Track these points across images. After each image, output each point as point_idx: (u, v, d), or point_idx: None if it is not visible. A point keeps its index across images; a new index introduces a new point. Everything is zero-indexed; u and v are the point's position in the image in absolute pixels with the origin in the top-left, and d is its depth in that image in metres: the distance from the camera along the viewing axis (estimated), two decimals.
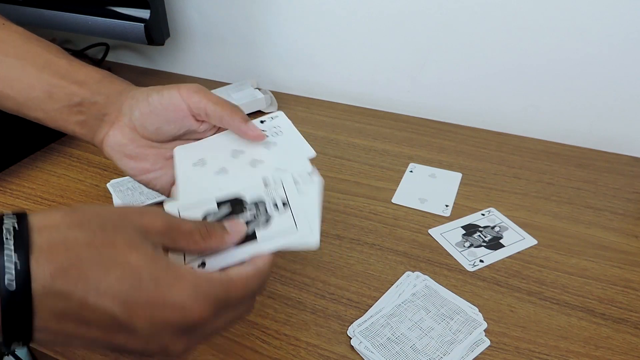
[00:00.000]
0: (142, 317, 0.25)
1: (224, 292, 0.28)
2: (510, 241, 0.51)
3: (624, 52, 0.63)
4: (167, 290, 0.25)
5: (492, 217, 0.54)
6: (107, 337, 0.25)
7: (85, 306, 0.24)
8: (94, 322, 0.24)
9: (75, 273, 0.23)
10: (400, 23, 0.73)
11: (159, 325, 0.25)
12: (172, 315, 0.25)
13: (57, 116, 0.41)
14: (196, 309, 0.26)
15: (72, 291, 0.23)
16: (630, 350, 0.40)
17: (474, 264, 0.48)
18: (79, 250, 0.24)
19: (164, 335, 0.25)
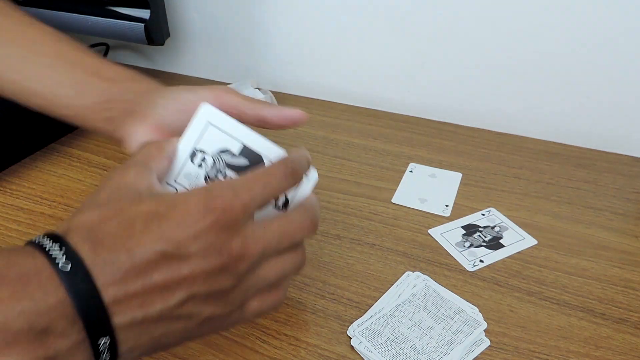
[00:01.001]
0: (185, 238, 0.25)
1: (240, 182, 0.27)
2: (510, 241, 0.51)
3: (624, 52, 0.63)
4: (185, 206, 0.25)
5: (492, 217, 0.54)
6: (174, 283, 0.24)
7: (136, 260, 0.24)
8: (155, 273, 0.24)
9: (110, 242, 0.24)
10: (400, 23, 0.73)
11: (202, 235, 0.25)
12: (204, 219, 0.25)
13: (85, 113, 0.41)
14: (218, 202, 0.25)
15: (118, 255, 0.23)
16: (630, 350, 0.40)
17: (474, 264, 0.48)
18: (99, 227, 0.25)
19: (214, 241, 0.25)
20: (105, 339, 0.23)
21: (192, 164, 0.33)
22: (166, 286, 0.24)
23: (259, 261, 0.28)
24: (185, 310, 0.25)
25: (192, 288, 0.25)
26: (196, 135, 0.33)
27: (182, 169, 0.33)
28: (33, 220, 0.54)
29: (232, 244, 0.26)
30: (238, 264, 0.26)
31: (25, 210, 0.56)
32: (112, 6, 0.77)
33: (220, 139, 0.33)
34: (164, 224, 0.25)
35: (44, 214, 0.55)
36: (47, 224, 0.54)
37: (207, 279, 0.25)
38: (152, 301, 0.24)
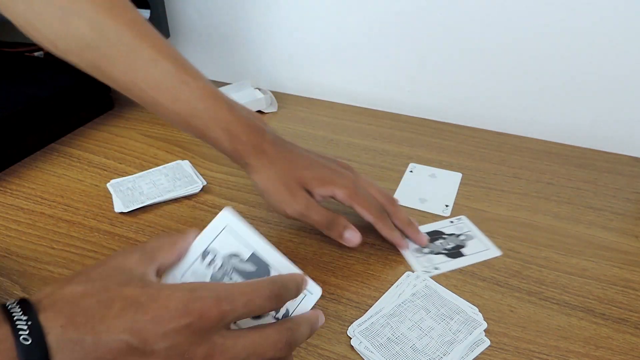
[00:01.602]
0: (153, 334, 0.25)
1: (225, 291, 0.28)
2: (472, 251, 0.50)
3: (624, 52, 0.63)
4: (166, 301, 0.26)
5: (461, 225, 0.53)
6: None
7: (100, 346, 0.24)
8: (114, 357, 0.25)
9: (82, 320, 0.25)
10: (400, 23, 0.73)
11: (171, 335, 0.26)
12: (178, 320, 0.26)
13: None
14: (197, 306, 0.26)
15: (84, 337, 0.24)
16: (630, 350, 0.40)
17: (427, 269, 0.48)
18: (79, 301, 0.26)
19: (181, 343, 0.26)
20: None
21: (202, 263, 0.34)
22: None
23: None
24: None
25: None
26: (212, 236, 0.35)
27: (191, 266, 0.34)
28: (33, 220, 0.54)
29: (197, 350, 0.26)
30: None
31: (25, 210, 0.56)
32: None
33: (233, 244, 0.35)
34: (139, 314, 0.26)
35: (44, 214, 0.55)
36: (47, 224, 0.54)
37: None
38: None
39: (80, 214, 0.55)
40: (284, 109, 0.78)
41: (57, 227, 0.53)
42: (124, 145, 0.69)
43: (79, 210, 0.56)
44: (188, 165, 0.63)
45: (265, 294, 0.29)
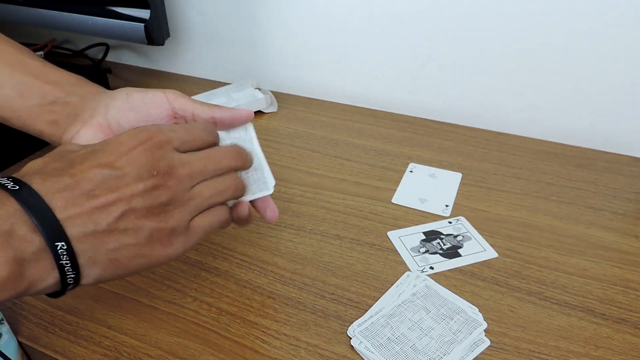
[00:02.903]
0: (118, 162, 0.30)
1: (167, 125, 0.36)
2: (469, 252, 0.50)
3: (624, 52, 0.63)
4: (118, 139, 0.31)
5: (459, 225, 0.53)
6: (115, 199, 0.29)
7: (80, 183, 0.28)
8: (96, 191, 0.28)
9: (56, 172, 0.29)
10: (400, 23, 0.73)
11: (133, 156, 0.30)
12: (133, 146, 0.31)
13: (26, 115, 0.41)
14: (144, 133, 0.31)
15: (63, 179, 0.28)
16: (630, 350, 0.40)
17: (422, 269, 0.48)
18: (48, 165, 0.30)
19: (144, 162, 0.30)
20: (62, 244, 0.27)
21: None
22: (108, 202, 0.28)
23: (190, 182, 0.32)
24: (129, 223, 0.29)
25: (131, 203, 0.29)
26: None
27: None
28: None
29: (159, 163, 0.30)
30: (167, 181, 0.31)
31: None
32: (112, 6, 0.77)
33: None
34: (100, 154, 0.30)
35: None
36: None
37: (143, 194, 0.29)
38: (98, 216, 0.28)
39: None
40: (284, 109, 0.78)
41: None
42: None
43: None
44: None
45: (200, 127, 0.35)
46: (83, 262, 0.28)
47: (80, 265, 0.28)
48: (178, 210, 0.31)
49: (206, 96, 0.77)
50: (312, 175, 0.62)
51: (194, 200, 0.32)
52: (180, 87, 0.86)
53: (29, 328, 0.43)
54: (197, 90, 0.81)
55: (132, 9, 0.75)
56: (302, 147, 0.67)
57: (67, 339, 0.42)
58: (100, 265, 0.29)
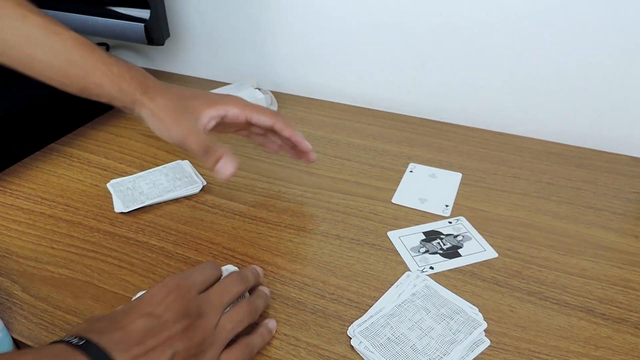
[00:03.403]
0: (158, 309, 0.34)
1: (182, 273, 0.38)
2: (469, 252, 0.50)
3: (624, 52, 0.63)
4: (149, 292, 0.36)
5: (459, 225, 0.53)
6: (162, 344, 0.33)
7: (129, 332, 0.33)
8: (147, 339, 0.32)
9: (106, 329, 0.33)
10: (400, 23, 0.73)
11: (169, 305, 0.35)
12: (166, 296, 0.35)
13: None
14: (171, 283, 0.36)
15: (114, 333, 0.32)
16: (630, 350, 0.40)
17: (422, 269, 0.48)
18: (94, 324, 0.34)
19: (179, 308, 0.35)
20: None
21: None
22: (157, 345, 0.32)
23: (215, 318, 0.36)
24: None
25: (175, 345, 0.33)
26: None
27: None
28: (33, 220, 0.54)
29: (190, 306, 0.35)
30: (199, 320, 0.35)
31: (25, 210, 0.56)
32: (112, 6, 0.77)
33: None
34: (139, 307, 0.35)
35: (44, 214, 0.55)
36: (47, 224, 0.54)
37: (183, 336, 0.34)
38: (152, 357, 0.32)
39: (80, 214, 0.55)
40: (284, 109, 0.78)
41: (57, 227, 0.53)
42: (124, 145, 0.69)
43: (79, 210, 0.56)
44: (188, 165, 0.63)
45: (207, 265, 0.40)
46: None
47: None
48: (210, 350, 0.35)
49: None
50: (312, 175, 0.62)
51: (220, 335, 0.36)
52: None
53: (29, 328, 0.43)
54: None
55: (132, 9, 0.75)
56: None
57: None
58: None
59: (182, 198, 0.58)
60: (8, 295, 0.46)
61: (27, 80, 0.69)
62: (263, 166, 0.63)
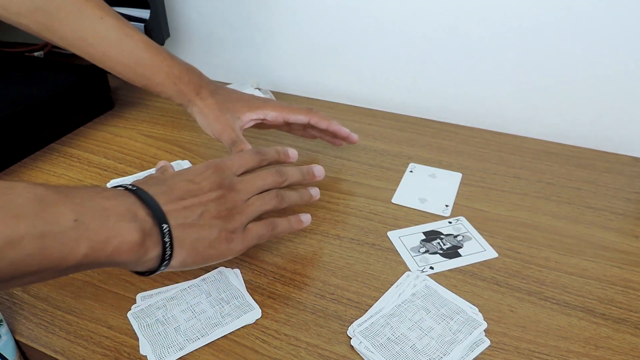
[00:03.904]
0: (197, 176, 0.41)
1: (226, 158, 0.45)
2: (469, 252, 0.50)
3: (624, 52, 0.63)
4: (193, 167, 0.43)
5: (459, 225, 0.53)
6: (197, 203, 0.39)
7: (172, 188, 0.39)
8: (185, 197, 0.39)
9: (155, 183, 0.39)
10: (400, 23, 0.73)
11: (207, 175, 0.41)
12: (206, 168, 0.42)
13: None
14: (211, 163, 0.43)
15: (162, 188, 0.39)
16: (630, 350, 0.40)
17: (422, 269, 0.48)
18: (151, 181, 0.40)
19: (215, 179, 0.41)
20: (166, 226, 0.36)
21: None
22: (193, 204, 0.39)
23: (245, 195, 0.42)
24: (205, 220, 0.39)
25: (207, 206, 0.39)
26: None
27: None
28: None
29: (224, 181, 0.41)
30: (230, 192, 0.41)
31: None
32: (112, 6, 0.77)
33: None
34: (184, 175, 0.41)
35: None
36: None
37: (214, 200, 0.40)
38: (186, 213, 0.38)
39: None
40: None
41: None
42: (124, 145, 0.69)
43: None
44: (188, 166, 0.63)
45: (250, 152, 0.46)
46: (176, 243, 0.37)
47: (174, 245, 0.36)
48: (238, 216, 0.41)
49: None
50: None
51: (248, 208, 0.42)
52: None
53: (29, 328, 0.43)
54: None
55: (132, 9, 0.75)
56: (303, 147, 0.67)
57: (67, 339, 0.42)
58: (185, 249, 0.37)
59: None
60: (8, 295, 0.46)
61: (27, 80, 0.69)
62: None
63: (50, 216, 0.31)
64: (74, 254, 0.31)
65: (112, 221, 0.33)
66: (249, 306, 0.44)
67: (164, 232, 0.36)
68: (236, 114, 0.57)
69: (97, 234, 0.32)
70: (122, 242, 0.34)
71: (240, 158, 0.45)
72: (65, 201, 0.32)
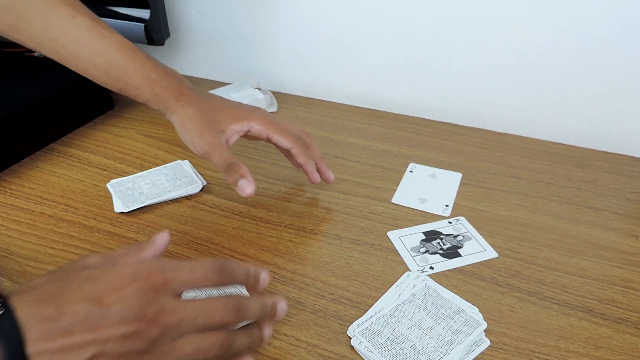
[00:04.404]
0: (108, 299, 0.29)
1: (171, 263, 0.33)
2: (469, 252, 0.50)
3: (624, 51, 0.63)
4: (118, 273, 0.31)
5: (459, 225, 0.53)
6: (90, 341, 0.28)
7: (62, 315, 0.28)
8: (75, 330, 0.28)
9: (46, 297, 0.29)
10: (400, 23, 0.73)
11: (124, 297, 0.29)
12: (128, 284, 0.30)
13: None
14: (145, 272, 0.31)
15: (48, 309, 0.28)
16: (630, 350, 0.40)
17: (422, 269, 0.48)
18: (43, 285, 0.30)
19: (133, 305, 0.29)
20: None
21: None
22: (82, 342, 0.28)
23: (176, 333, 0.30)
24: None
25: (105, 346, 0.28)
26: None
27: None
28: (33, 220, 0.54)
29: (148, 309, 0.29)
30: (150, 329, 0.29)
31: (25, 210, 0.56)
32: (112, 6, 0.77)
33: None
34: (95, 285, 0.29)
35: (44, 214, 0.55)
36: (47, 224, 0.54)
37: (120, 339, 0.28)
38: (67, 355, 0.27)
39: (80, 214, 0.55)
40: (284, 109, 0.78)
41: (57, 227, 0.53)
42: (124, 145, 0.69)
43: (79, 210, 0.56)
44: (188, 165, 0.63)
45: (209, 266, 0.33)
46: None
47: None
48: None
49: None
50: None
51: (172, 353, 0.30)
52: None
53: None
54: None
55: (132, 9, 0.75)
56: None
57: None
58: None
59: (182, 198, 0.58)
60: None
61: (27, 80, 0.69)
62: (263, 166, 0.63)
63: None
64: None
65: None
66: None
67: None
68: (220, 127, 0.51)
69: None
70: None
71: (191, 272, 0.32)
72: None
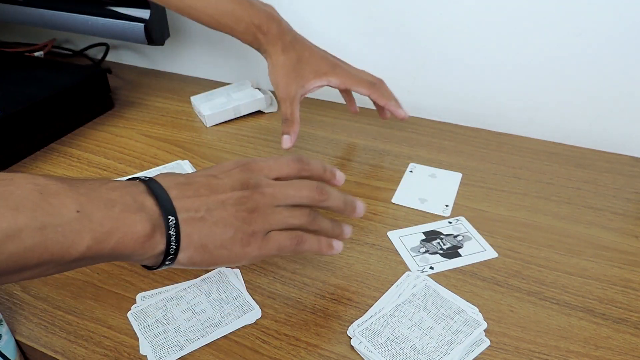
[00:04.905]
0: (221, 171, 0.38)
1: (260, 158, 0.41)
2: (469, 252, 0.50)
3: (624, 51, 0.63)
4: (222, 163, 0.40)
5: (459, 225, 0.53)
6: (213, 198, 0.36)
7: (191, 180, 0.37)
8: (201, 189, 0.36)
9: (177, 175, 0.37)
10: (400, 23, 0.73)
11: (231, 172, 0.38)
12: (233, 167, 0.39)
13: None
14: (242, 161, 0.40)
15: (179, 179, 0.37)
16: (630, 350, 0.40)
17: (422, 269, 0.48)
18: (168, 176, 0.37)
19: (239, 178, 0.38)
20: (172, 218, 0.34)
21: None
22: (209, 200, 0.36)
23: (272, 200, 0.38)
24: (220, 217, 0.35)
25: (226, 203, 0.36)
26: None
27: None
28: None
29: (250, 181, 0.38)
30: (254, 194, 0.37)
31: None
32: (112, 6, 0.77)
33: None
34: (209, 170, 0.39)
35: None
36: None
37: (236, 200, 0.36)
38: (198, 206, 0.35)
39: None
40: None
41: None
42: (124, 145, 0.69)
43: None
44: (188, 165, 0.63)
45: (290, 157, 0.42)
46: (183, 238, 0.34)
47: (180, 240, 0.34)
48: (260, 219, 0.37)
49: (206, 96, 0.77)
50: None
51: (273, 215, 0.38)
52: (181, 87, 0.86)
53: (29, 328, 0.43)
54: (197, 90, 0.81)
55: (132, 9, 0.75)
56: (303, 147, 0.67)
57: (67, 339, 0.42)
58: (193, 246, 0.35)
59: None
60: (8, 295, 0.46)
61: (27, 80, 0.69)
62: None
63: (51, 207, 0.29)
64: (76, 246, 0.30)
65: (117, 212, 0.32)
66: (249, 306, 0.44)
67: (170, 224, 0.33)
68: (302, 81, 0.60)
69: (100, 225, 0.31)
70: (127, 234, 0.32)
71: (275, 161, 0.41)
72: (68, 192, 0.31)
